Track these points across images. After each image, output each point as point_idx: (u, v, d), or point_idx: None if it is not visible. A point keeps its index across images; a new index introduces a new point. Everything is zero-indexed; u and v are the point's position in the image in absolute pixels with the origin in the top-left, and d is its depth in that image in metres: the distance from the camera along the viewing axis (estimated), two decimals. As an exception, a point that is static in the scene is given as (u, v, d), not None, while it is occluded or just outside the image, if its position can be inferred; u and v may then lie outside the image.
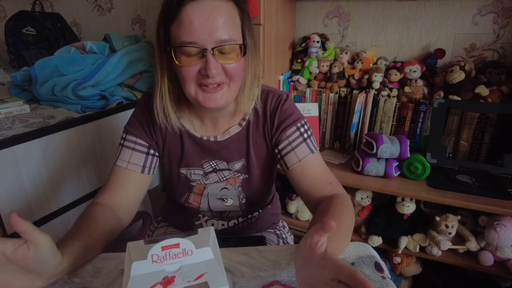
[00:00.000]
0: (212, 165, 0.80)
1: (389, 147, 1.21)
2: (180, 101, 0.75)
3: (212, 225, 0.89)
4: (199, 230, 0.50)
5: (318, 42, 1.53)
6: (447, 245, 1.20)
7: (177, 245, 0.45)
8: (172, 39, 0.64)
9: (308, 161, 0.74)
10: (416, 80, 1.40)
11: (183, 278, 0.44)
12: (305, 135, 0.75)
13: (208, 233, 0.50)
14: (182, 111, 0.76)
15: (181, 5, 0.60)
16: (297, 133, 0.75)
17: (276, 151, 0.77)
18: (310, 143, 0.75)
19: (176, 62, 0.63)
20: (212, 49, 0.61)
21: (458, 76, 1.28)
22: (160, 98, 0.70)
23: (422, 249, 1.26)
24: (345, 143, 1.53)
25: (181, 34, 0.61)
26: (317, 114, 1.46)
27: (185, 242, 0.45)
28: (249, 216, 0.90)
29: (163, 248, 0.45)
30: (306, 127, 0.77)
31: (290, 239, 0.99)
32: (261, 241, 0.87)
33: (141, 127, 0.76)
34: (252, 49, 0.69)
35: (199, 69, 0.63)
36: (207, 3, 0.60)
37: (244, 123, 0.77)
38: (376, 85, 1.42)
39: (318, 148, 0.77)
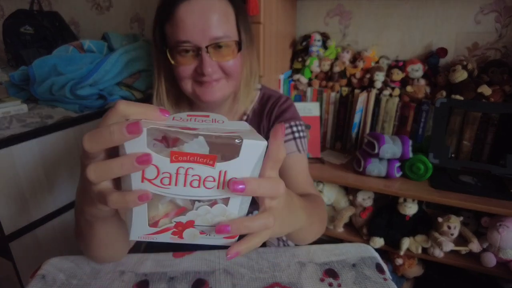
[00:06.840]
0: None
1: (391, 147, 1.20)
2: (179, 101, 0.74)
3: None
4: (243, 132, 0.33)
5: (319, 40, 1.52)
6: (449, 246, 1.18)
7: (206, 116, 0.35)
8: (167, 39, 0.64)
9: (293, 158, 0.73)
10: (418, 79, 1.39)
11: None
12: (296, 135, 0.75)
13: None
14: (182, 110, 0.76)
15: (174, 5, 0.60)
16: (289, 130, 0.75)
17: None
18: (299, 143, 0.75)
19: (172, 62, 0.64)
20: (206, 47, 0.61)
21: (460, 75, 1.27)
22: (158, 99, 0.71)
23: (424, 250, 1.25)
24: (346, 143, 1.52)
25: (175, 34, 0.61)
26: (318, 113, 1.45)
27: (217, 116, 0.36)
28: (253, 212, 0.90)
29: (189, 115, 0.35)
30: (300, 128, 0.76)
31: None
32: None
33: None
34: (248, 44, 0.69)
35: (195, 67, 0.63)
36: (200, 2, 0.60)
37: None
38: (378, 84, 1.41)
39: (306, 153, 0.77)
